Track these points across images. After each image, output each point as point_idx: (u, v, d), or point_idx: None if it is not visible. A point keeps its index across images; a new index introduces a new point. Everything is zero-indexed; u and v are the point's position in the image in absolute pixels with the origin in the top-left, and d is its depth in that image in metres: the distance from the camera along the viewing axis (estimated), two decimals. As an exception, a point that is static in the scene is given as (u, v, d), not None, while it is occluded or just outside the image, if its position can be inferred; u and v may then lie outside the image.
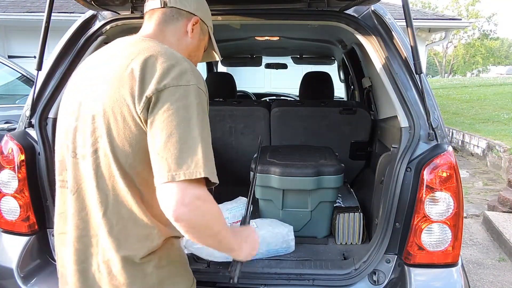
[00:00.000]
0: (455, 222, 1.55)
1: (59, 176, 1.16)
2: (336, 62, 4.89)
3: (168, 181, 0.94)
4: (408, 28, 1.59)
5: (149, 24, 1.22)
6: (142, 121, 1.00)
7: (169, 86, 0.99)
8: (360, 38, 1.88)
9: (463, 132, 8.57)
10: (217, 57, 1.40)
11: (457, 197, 1.54)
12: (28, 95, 1.86)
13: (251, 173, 2.07)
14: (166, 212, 0.96)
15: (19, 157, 1.72)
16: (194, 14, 1.24)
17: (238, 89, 4.12)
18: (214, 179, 1.00)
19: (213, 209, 1.02)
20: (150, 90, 0.99)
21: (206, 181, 1.00)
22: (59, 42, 1.93)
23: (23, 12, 8.92)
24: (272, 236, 1.80)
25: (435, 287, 1.63)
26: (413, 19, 1.68)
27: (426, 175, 1.53)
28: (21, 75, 4.52)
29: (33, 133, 1.77)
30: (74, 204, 1.09)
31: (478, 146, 7.77)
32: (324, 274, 1.65)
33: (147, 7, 1.24)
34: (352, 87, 3.99)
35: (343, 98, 5.13)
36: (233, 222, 1.86)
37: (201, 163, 0.95)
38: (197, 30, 1.26)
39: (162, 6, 1.20)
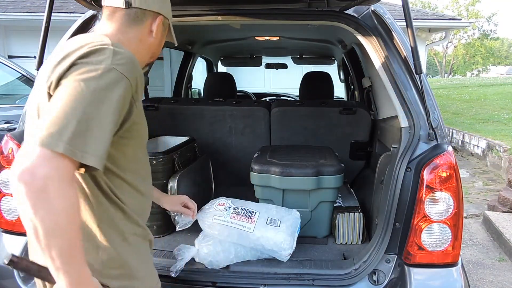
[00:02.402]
0: (455, 222, 1.55)
1: None
2: (336, 62, 4.89)
3: (34, 143, 0.88)
4: (408, 28, 1.59)
5: (110, 23, 1.17)
6: None
7: (78, 63, 0.97)
8: (360, 38, 1.88)
9: (463, 132, 8.57)
10: (174, 41, 1.34)
11: (457, 197, 1.54)
12: (28, 95, 1.86)
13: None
14: (15, 168, 0.88)
15: (19, 157, 1.72)
16: (159, 13, 1.20)
17: (238, 89, 4.12)
18: (85, 160, 0.90)
19: (62, 202, 0.87)
20: (58, 72, 0.98)
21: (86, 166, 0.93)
22: (59, 42, 1.93)
23: (23, 12, 8.91)
24: (273, 236, 1.80)
25: (435, 287, 1.63)
26: (413, 19, 1.68)
27: (426, 175, 1.53)
28: (21, 75, 4.53)
29: (33, 133, 1.77)
30: None
31: (478, 146, 7.77)
32: (324, 274, 1.65)
33: (106, 1, 1.17)
34: (352, 87, 3.99)
35: (343, 98, 5.14)
36: (231, 218, 1.84)
37: (66, 138, 0.88)
38: (160, 27, 1.22)
39: (126, 7, 1.14)
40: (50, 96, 0.99)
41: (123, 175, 1.12)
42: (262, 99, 4.95)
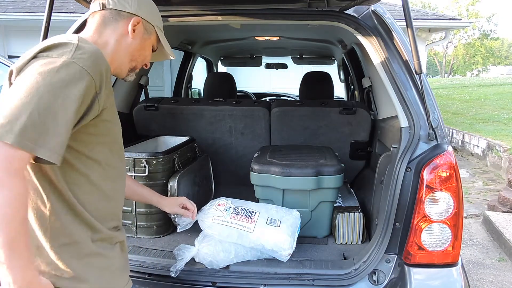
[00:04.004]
0: (455, 222, 1.55)
1: None
2: (336, 62, 4.89)
3: None
4: (408, 28, 1.59)
5: (89, 27, 1.22)
6: None
7: (38, 56, 0.99)
8: (360, 38, 1.88)
9: (463, 132, 8.57)
10: (170, 56, 1.37)
11: (457, 197, 1.54)
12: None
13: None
14: None
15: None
16: (135, 15, 1.24)
17: (238, 89, 4.12)
18: (36, 152, 0.90)
19: (6, 194, 0.87)
20: (19, 64, 0.99)
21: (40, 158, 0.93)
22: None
23: (23, 12, 8.92)
24: (275, 236, 1.80)
25: (435, 287, 1.63)
26: (413, 19, 1.68)
27: (426, 175, 1.53)
28: (21, 75, 4.52)
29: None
30: None
31: (478, 146, 7.77)
32: (324, 274, 1.65)
33: (90, 9, 1.24)
34: (352, 87, 3.99)
35: (343, 98, 5.14)
36: (231, 218, 1.84)
37: (17, 129, 0.88)
38: (140, 30, 1.25)
39: (101, 8, 1.21)
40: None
41: (88, 173, 1.09)
42: (262, 99, 4.95)
